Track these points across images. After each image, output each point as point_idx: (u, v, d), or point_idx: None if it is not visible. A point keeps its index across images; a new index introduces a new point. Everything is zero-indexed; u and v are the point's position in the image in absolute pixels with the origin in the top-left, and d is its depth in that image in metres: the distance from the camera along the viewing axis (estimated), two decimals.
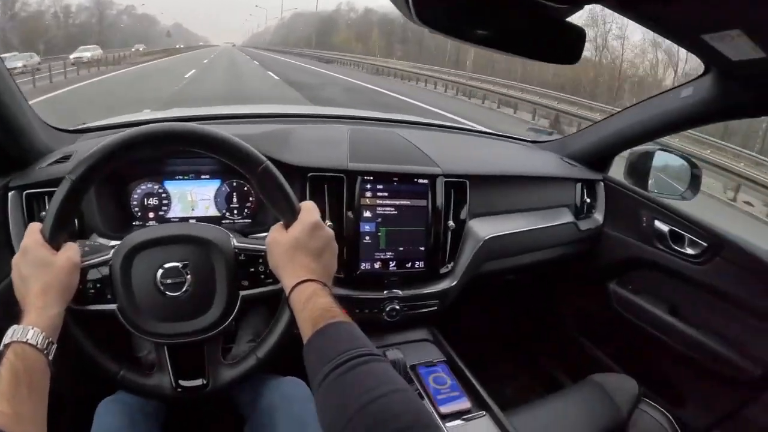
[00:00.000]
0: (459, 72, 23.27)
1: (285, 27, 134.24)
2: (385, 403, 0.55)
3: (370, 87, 18.13)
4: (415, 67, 25.30)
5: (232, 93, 13.78)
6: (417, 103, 13.25)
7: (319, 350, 0.65)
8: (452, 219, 1.17)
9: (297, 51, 54.37)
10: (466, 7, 0.64)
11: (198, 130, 0.79)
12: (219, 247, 0.85)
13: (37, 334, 0.66)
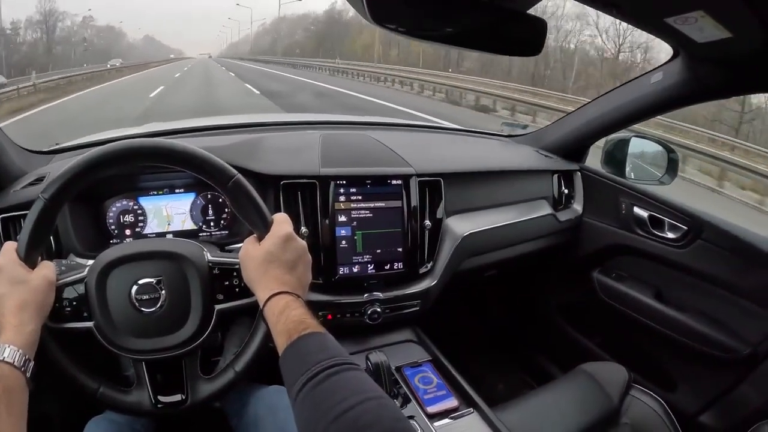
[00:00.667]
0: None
1: (268, 33, 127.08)
2: (358, 412, 0.55)
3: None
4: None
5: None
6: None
7: (293, 363, 0.65)
8: (429, 218, 1.17)
9: (290, 61, 45.69)
10: (425, 5, 0.64)
11: (166, 146, 0.79)
12: (192, 261, 0.85)
13: (14, 352, 0.65)
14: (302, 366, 0.62)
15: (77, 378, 0.82)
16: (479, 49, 0.72)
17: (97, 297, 0.81)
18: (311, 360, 0.62)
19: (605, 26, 27.61)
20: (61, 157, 1.27)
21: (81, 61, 59.80)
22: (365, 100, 13.78)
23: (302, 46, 77.21)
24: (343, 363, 0.62)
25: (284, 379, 0.66)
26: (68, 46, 66.50)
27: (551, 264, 1.56)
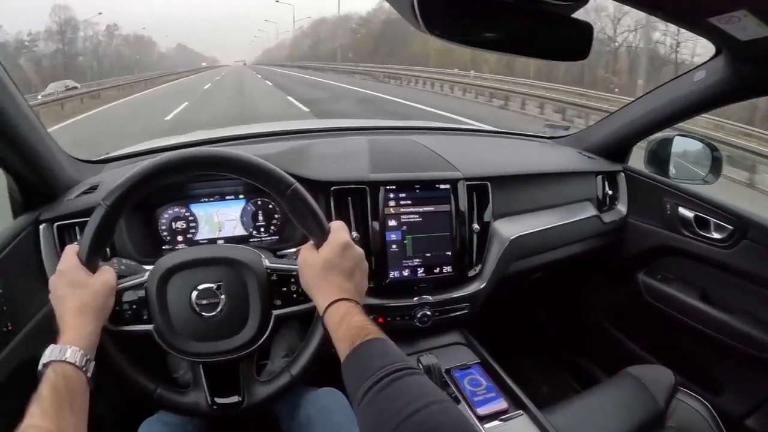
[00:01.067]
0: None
1: (308, 37, 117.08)
2: (423, 416, 0.56)
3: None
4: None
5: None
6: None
7: (357, 368, 0.66)
8: (477, 221, 1.17)
9: (340, 67, 38.53)
10: (473, 12, 0.65)
11: (227, 155, 0.81)
12: (251, 267, 0.87)
13: (75, 353, 0.68)
14: (365, 371, 0.63)
15: (136, 380, 0.85)
16: (526, 54, 0.72)
17: (158, 301, 0.84)
18: (374, 365, 0.63)
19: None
20: (111, 166, 1.31)
21: (106, 73, 57.50)
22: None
23: (352, 50, 67.56)
24: (405, 368, 0.63)
25: (346, 384, 0.67)
26: (90, 58, 64.06)
27: (595, 266, 1.55)
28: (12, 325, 0.91)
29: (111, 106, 16.93)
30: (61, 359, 0.67)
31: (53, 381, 0.64)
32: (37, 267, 1.03)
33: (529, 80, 15.69)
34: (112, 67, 62.91)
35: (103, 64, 64.20)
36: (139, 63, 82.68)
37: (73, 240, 1.06)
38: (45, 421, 0.59)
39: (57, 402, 0.62)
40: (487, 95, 14.78)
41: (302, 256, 0.83)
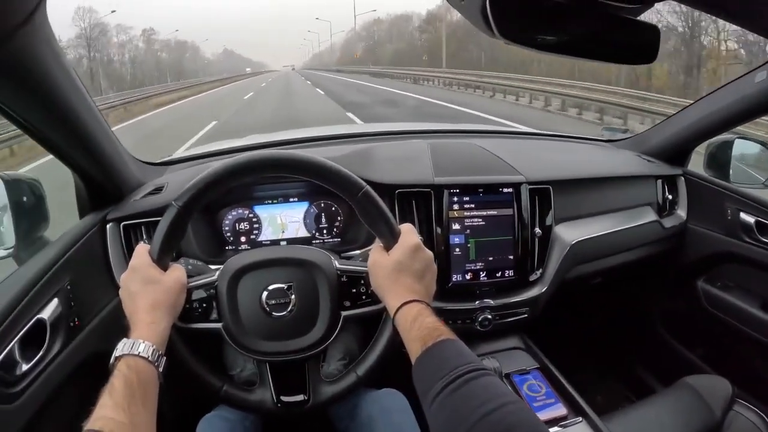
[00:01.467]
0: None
1: (362, 39, 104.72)
2: (500, 415, 0.57)
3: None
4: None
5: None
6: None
7: (429, 368, 0.67)
8: (538, 225, 1.16)
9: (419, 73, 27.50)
10: (544, 16, 0.64)
11: (299, 157, 0.83)
12: (322, 268, 0.88)
13: (148, 348, 0.70)
14: (439, 371, 0.64)
15: (203, 376, 0.87)
16: (593, 57, 0.71)
17: (228, 300, 0.85)
18: (448, 366, 0.64)
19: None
20: (174, 168, 1.34)
21: (139, 82, 53.81)
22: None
23: (411, 54, 61.84)
24: (479, 369, 0.63)
25: (417, 383, 0.68)
26: (125, 65, 57.78)
27: (654, 272, 1.52)
28: (78, 321, 0.94)
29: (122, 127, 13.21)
30: (134, 353, 0.68)
31: (126, 374, 0.66)
32: (103, 265, 1.06)
33: (586, 83, 13.19)
34: (144, 75, 58.02)
35: (137, 72, 59.55)
36: (181, 69, 79.09)
37: (139, 239, 1.09)
38: (117, 413, 0.60)
39: (129, 395, 0.63)
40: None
41: (373, 257, 0.84)
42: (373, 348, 0.90)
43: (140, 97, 20.21)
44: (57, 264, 0.92)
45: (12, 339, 0.78)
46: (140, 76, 59.06)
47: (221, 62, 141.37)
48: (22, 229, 1.00)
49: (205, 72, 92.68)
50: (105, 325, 1.01)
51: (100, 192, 1.08)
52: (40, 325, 0.84)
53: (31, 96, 0.79)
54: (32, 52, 0.73)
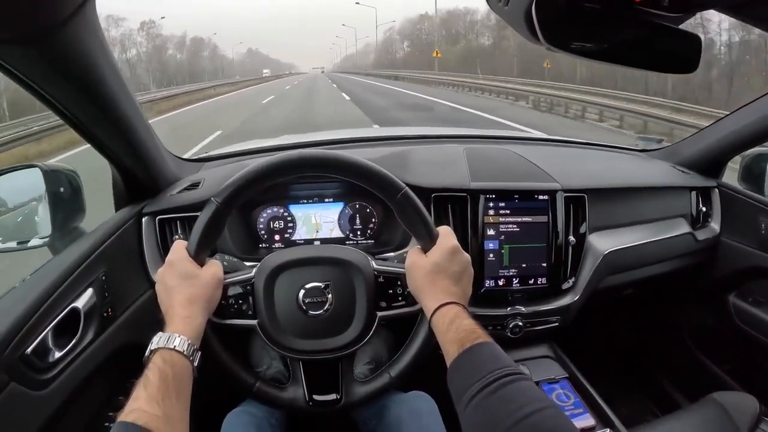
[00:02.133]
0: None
1: (399, 41, 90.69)
2: (537, 418, 0.56)
3: None
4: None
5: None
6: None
7: (466, 370, 0.67)
8: (572, 234, 1.15)
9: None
10: (586, 23, 0.64)
11: (340, 157, 0.82)
12: (360, 268, 0.88)
13: (184, 342, 0.69)
14: (476, 374, 0.64)
15: (237, 373, 0.87)
16: (634, 65, 0.70)
17: (265, 297, 0.85)
18: (486, 368, 0.64)
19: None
20: (210, 165, 1.35)
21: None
22: None
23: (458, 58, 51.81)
24: (516, 373, 0.63)
25: (453, 385, 0.68)
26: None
27: (685, 285, 1.50)
28: (111, 311, 0.95)
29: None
30: (170, 347, 0.68)
31: (161, 367, 0.65)
32: (137, 258, 1.07)
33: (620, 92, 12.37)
34: (148, 75, 50.41)
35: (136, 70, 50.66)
36: (194, 70, 73.21)
37: (174, 234, 1.10)
38: (151, 406, 0.60)
39: (164, 388, 0.63)
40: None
41: (410, 259, 0.84)
42: (406, 349, 0.90)
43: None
44: (93, 254, 0.93)
45: (46, 326, 0.79)
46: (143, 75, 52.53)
47: (244, 62, 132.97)
48: (58, 219, 1.01)
49: (225, 74, 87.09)
50: (136, 317, 1.01)
51: (136, 185, 1.08)
52: (74, 314, 0.85)
53: (77, 87, 0.79)
54: (81, 42, 0.73)
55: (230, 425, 0.95)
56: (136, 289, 1.04)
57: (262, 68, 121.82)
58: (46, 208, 1.06)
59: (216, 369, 0.83)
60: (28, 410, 0.74)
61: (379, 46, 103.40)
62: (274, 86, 36.77)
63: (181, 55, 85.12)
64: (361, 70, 76.41)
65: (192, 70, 78.12)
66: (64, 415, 0.82)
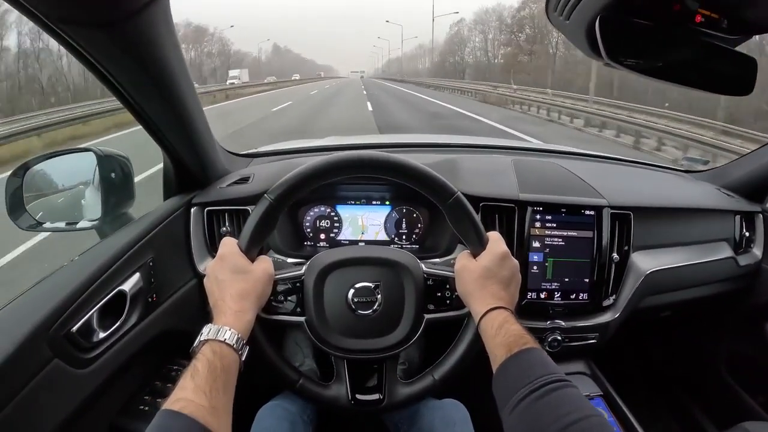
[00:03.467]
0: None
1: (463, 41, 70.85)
2: (584, 425, 0.57)
3: None
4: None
5: None
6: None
7: (513, 375, 0.68)
8: (616, 251, 1.14)
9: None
10: (647, 41, 0.63)
11: (395, 160, 0.83)
12: (410, 270, 0.89)
13: (234, 335, 0.70)
14: (523, 378, 0.65)
15: (281, 368, 0.87)
16: (689, 84, 0.70)
17: (314, 295, 0.86)
18: (534, 373, 0.65)
19: None
20: (259, 161, 1.36)
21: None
22: None
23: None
24: (564, 380, 0.64)
25: (499, 388, 0.69)
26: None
27: (723, 310, 1.47)
28: (156, 297, 0.96)
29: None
30: (220, 339, 0.69)
31: (210, 359, 0.66)
32: (184, 247, 1.09)
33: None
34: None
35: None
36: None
37: (221, 225, 1.11)
38: (198, 396, 0.60)
39: (212, 380, 0.63)
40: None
41: (460, 262, 0.85)
42: (452, 353, 0.90)
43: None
44: (142, 240, 0.94)
45: (92, 307, 0.80)
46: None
47: (270, 62, 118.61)
48: (108, 203, 1.02)
49: (252, 74, 78.57)
50: (178, 305, 1.03)
51: (188, 176, 1.10)
52: (120, 297, 0.86)
53: (144, 74, 0.80)
54: (153, 31, 0.74)
55: (264, 418, 0.96)
56: (180, 278, 1.05)
57: (292, 69, 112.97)
58: (94, 192, 1.07)
59: (259, 363, 0.83)
60: (68, 387, 0.75)
61: (442, 48, 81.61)
62: (297, 92, 31.89)
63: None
64: (407, 76, 66.51)
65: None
66: (102, 395, 0.83)
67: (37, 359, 0.70)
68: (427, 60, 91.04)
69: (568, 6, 0.64)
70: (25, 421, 0.67)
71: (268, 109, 16.81)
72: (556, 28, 0.72)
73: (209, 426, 0.57)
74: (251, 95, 28.01)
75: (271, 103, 19.46)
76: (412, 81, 46.63)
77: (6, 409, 0.64)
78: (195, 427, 0.57)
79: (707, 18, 0.62)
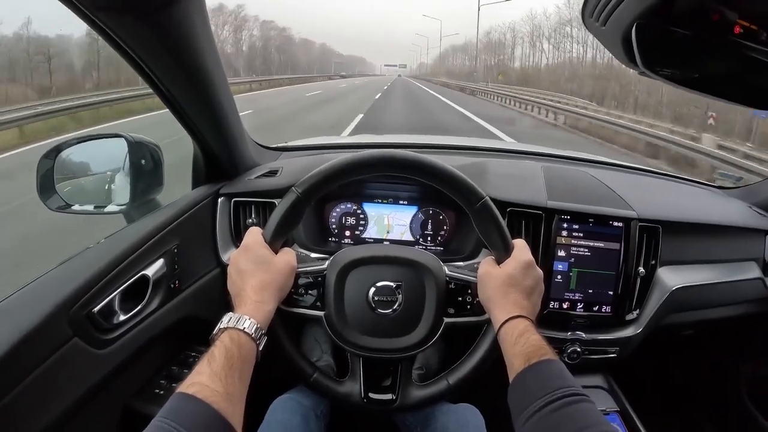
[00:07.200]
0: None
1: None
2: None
3: None
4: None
5: None
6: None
7: (530, 385, 0.67)
8: (642, 265, 1.12)
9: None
10: (686, 50, 0.62)
11: (425, 160, 0.82)
12: (433, 272, 0.88)
13: (253, 325, 0.70)
14: (541, 389, 0.65)
15: (297, 361, 0.87)
16: (725, 97, 0.69)
17: (335, 290, 0.86)
18: (551, 385, 0.65)
19: None
20: (288, 155, 1.37)
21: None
22: None
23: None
24: (580, 394, 0.64)
25: (514, 398, 0.69)
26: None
27: (747, 333, 1.43)
28: (178, 284, 0.97)
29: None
30: (239, 328, 0.69)
31: (228, 346, 0.66)
32: (209, 236, 1.10)
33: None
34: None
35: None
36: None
37: (247, 217, 1.12)
38: (213, 382, 0.60)
39: (228, 367, 0.63)
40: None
41: (484, 268, 0.84)
42: (468, 359, 0.89)
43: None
44: (168, 227, 0.95)
45: (115, 289, 0.81)
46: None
47: (295, 53, 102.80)
48: (137, 189, 1.03)
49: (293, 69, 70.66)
50: (199, 293, 1.04)
51: (217, 166, 1.11)
52: (143, 281, 0.87)
53: (178, 63, 0.81)
54: (188, 21, 0.75)
55: (277, 410, 0.96)
56: (203, 266, 1.06)
57: (328, 66, 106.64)
58: (123, 177, 1.09)
59: (275, 355, 0.84)
60: (86, 366, 0.76)
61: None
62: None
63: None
64: (453, 77, 59.02)
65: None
66: (118, 377, 0.84)
67: (57, 336, 0.71)
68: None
69: (605, 12, 0.63)
70: (41, 396, 0.68)
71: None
72: (592, 33, 0.71)
73: (222, 412, 0.58)
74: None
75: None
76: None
77: (24, 382, 0.65)
78: (208, 412, 0.57)
79: (746, 30, 0.61)
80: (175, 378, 0.99)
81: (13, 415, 0.64)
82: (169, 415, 0.56)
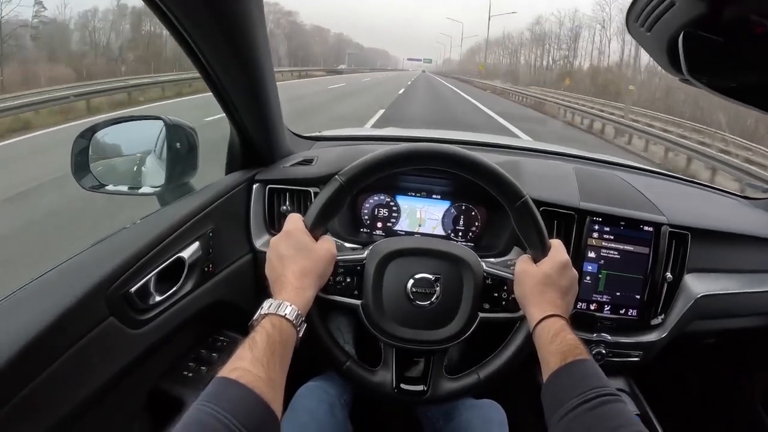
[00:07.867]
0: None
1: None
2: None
3: None
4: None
5: None
6: None
7: (565, 384, 0.68)
8: (670, 270, 1.12)
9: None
10: (729, 60, 0.62)
11: (469, 156, 0.83)
12: (471, 267, 0.89)
13: (294, 311, 0.70)
14: (576, 388, 0.65)
15: (331, 348, 0.87)
16: (765, 109, 0.69)
17: (374, 280, 0.86)
18: (587, 384, 0.65)
19: None
20: (321, 144, 1.38)
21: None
22: None
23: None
24: (615, 395, 0.64)
25: (548, 395, 0.69)
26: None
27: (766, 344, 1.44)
28: (212, 267, 0.98)
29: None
30: (280, 314, 0.69)
31: (269, 332, 0.66)
32: (243, 221, 1.10)
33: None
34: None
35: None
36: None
37: (281, 204, 1.12)
38: (255, 366, 0.60)
39: (270, 353, 0.63)
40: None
41: (521, 266, 0.85)
42: (500, 354, 0.90)
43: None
44: (204, 211, 0.96)
45: (151, 270, 0.81)
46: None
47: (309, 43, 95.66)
48: (173, 172, 1.04)
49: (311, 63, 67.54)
50: (232, 278, 1.04)
51: (253, 152, 1.11)
52: (178, 264, 0.88)
53: (229, 49, 0.81)
54: (242, 5, 0.75)
55: (303, 398, 0.97)
56: (236, 251, 1.07)
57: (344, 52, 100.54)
58: (154, 159, 1.10)
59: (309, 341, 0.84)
60: (120, 346, 0.77)
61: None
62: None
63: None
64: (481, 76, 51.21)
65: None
66: (150, 358, 0.85)
67: (94, 315, 0.72)
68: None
69: (651, 17, 0.62)
70: (75, 374, 0.69)
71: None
72: (634, 38, 0.71)
73: (264, 397, 0.58)
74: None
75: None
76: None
77: (60, 359, 0.65)
78: (250, 397, 0.57)
79: None
80: (204, 361, 0.99)
81: (53, 389, 0.65)
82: (211, 399, 0.55)
